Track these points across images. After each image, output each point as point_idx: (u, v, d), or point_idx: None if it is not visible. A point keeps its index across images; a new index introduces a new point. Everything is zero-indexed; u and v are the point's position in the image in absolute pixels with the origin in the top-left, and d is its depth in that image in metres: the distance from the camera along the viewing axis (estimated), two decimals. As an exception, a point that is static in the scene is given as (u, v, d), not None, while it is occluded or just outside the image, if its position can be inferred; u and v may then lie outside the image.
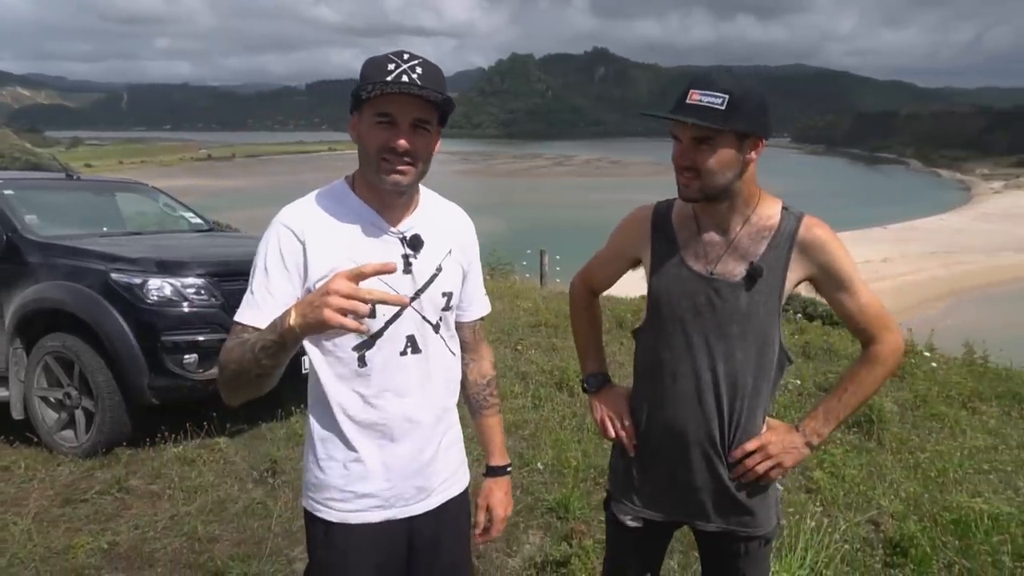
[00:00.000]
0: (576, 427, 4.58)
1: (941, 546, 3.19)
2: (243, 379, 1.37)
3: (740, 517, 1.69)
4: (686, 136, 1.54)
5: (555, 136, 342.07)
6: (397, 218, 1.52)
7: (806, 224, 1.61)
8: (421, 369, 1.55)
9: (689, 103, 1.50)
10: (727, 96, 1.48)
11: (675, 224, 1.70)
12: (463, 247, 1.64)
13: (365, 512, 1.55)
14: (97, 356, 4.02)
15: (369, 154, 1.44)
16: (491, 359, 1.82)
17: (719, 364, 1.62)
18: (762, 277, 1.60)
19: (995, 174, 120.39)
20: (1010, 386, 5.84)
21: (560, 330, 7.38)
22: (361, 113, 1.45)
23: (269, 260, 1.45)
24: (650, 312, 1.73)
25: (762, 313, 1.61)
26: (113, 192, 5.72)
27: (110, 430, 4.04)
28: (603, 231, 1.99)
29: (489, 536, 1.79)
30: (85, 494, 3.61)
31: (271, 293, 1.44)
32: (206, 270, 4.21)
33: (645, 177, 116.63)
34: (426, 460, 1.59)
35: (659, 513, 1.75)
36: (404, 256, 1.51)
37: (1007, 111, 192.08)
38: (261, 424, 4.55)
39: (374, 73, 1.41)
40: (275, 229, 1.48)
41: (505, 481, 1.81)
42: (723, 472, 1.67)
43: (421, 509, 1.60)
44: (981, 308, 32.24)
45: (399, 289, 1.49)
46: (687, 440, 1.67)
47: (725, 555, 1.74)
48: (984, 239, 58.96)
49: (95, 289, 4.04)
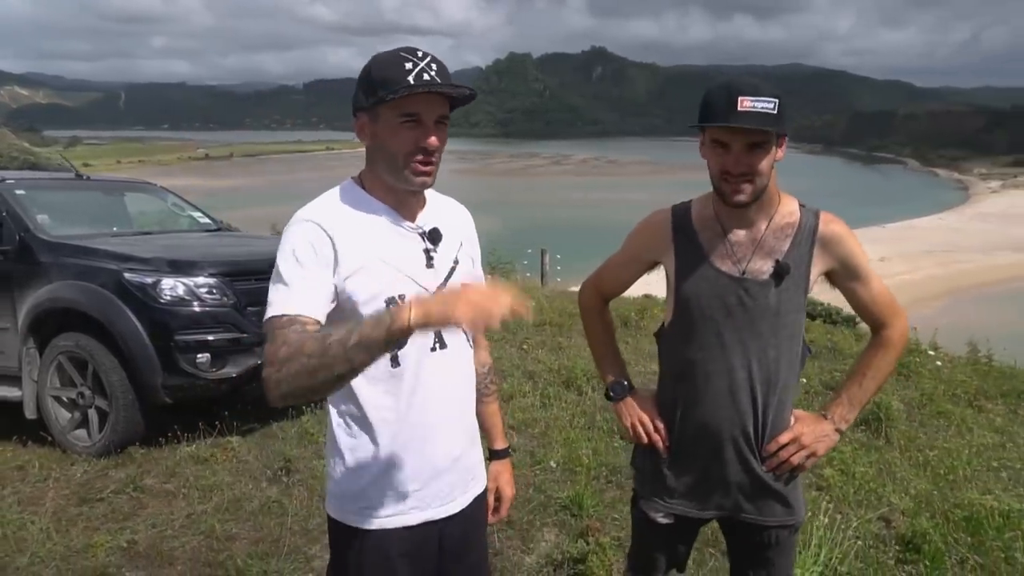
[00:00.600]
0: (586, 425, 4.61)
1: (953, 543, 3.22)
2: (321, 376, 1.23)
3: (772, 507, 1.74)
4: (739, 143, 1.56)
5: (552, 135, 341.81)
6: (413, 214, 1.52)
7: (824, 220, 1.68)
8: (448, 364, 1.55)
9: (743, 110, 1.52)
10: (777, 100, 1.54)
11: (696, 226, 1.73)
12: (470, 240, 1.66)
13: (403, 515, 1.52)
14: (111, 355, 4.03)
15: (395, 155, 1.42)
16: (487, 348, 1.84)
17: (753, 362, 1.67)
18: (789, 274, 1.64)
19: (992, 173, 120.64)
20: (1015, 384, 5.88)
21: (565, 329, 7.41)
22: (376, 114, 1.42)
23: (299, 252, 1.39)
24: (678, 314, 1.76)
25: (791, 309, 1.67)
26: (122, 192, 5.74)
27: (124, 429, 4.06)
28: (601, 230, 2.01)
29: (500, 515, 1.82)
30: (101, 493, 3.62)
31: (308, 283, 1.38)
32: (218, 269, 4.22)
33: (642, 177, 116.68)
34: (457, 455, 1.59)
35: (692, 509, 1.79)
36: (425, 251, 1.51)
37: (1004, 111, 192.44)
38: (272, 423, 4.56)
39: (392, 72, 1.38)
40: (299, 225, 1.43)
41: (509, 463, 1.85)
42: (756, 465, 1.71)
43: (456, 508, 1.60)
44: (978, 307, 32.31)
45: (425, 283, 1.49)
46: (722, 437, 1.71)
47: (756, 545, 1.78)
48: (981, 239, 59.07)
49: (108, 288, 4.06)
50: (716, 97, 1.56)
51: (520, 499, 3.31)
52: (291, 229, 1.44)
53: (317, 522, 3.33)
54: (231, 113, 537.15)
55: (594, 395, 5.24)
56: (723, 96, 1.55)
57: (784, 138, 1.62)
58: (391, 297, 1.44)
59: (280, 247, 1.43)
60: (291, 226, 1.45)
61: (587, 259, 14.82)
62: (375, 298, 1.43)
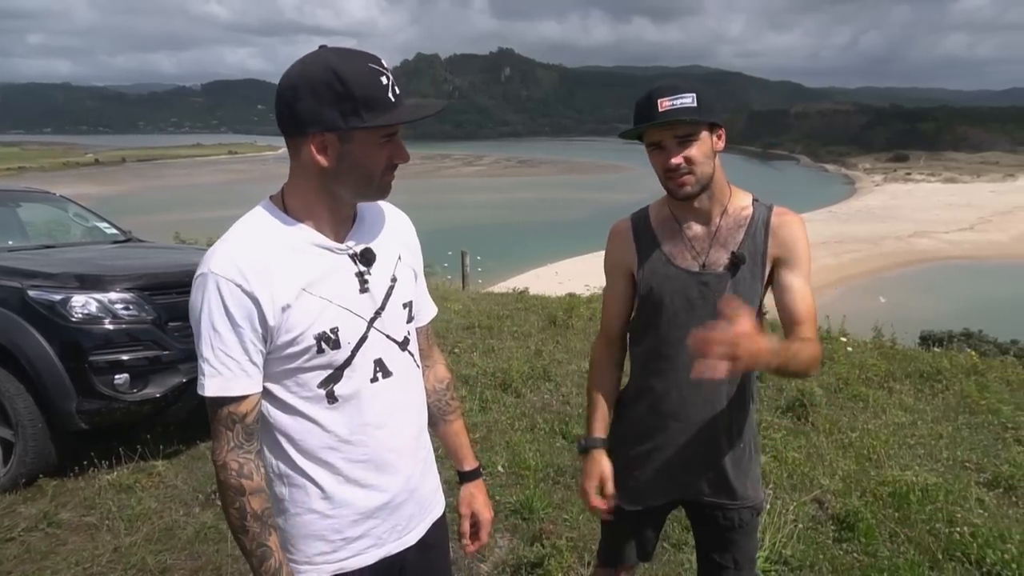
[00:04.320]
0: (527, 427, 4.61)
1: (883, 519, 3.41)
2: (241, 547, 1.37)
3: (733, 490, 1.81)
4: (669, 140, 1.65)
5: (463, 137, 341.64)
6: (340, 234, 1.38)
7: (777, 211, 1.76)
8: (394, 393, 1.44)
9: (663, 110, 1.62)
10: (695, 94, 1.63)
11: (655, 228, 1.80)
12: (410, 249, 1.53)
13: (360, 556, 1.43)
14: (14, 380, 3.69)
15: (372, 175, 1.32)
16: (444, 362, 1.74)
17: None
18: (744, 264, 1.70)
19: (876, 168, 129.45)
20: (917, 366, 6.32)
21: (495, 331, 7.40)
22: (350, 136, 1.28)
23: (217, 322, 1.26)
24: (643, 313, 1.81)
25: (749, 298, 1.70)
26: (16, 202, 5.27)
27: (32, 460, 3.72)
28: (518, 229, 2.00)
29: (481, 542, 1.71)
30: (11, 532, 3.31)
31: (235, 353, 1.28)
32: (134, 284, 3.94)
33: (553, 176, 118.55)
34: (413, 487, 1.50)
35: (657, 498, 1.86)
36: (359, 274, 1.38)
37: (885, 109, 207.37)
38: (199, 443, 4.31)
39: (375, 91, 1.26)
40: (211, 282, 1.26)
41: (482, 483, 1.74)
42: (721, 451, 1.79)
43: (414, 539, 1.52)
44: (872, 292, 34.58)
45: (360, 311, 1.37)
46: (689, 426, 1.77)
47: (721, 528, 1.85)
48: (868, 229, 63.27)
49: (10, 308, 3.71)
50: (641, 104, 1.68)
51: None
52: (199, 288, 1.29)
53: (259, 546, 3.17)
54: (123, 116, 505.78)
55: (532, 397, 5.25)
56: (645, 102, 1.66)
57: (721, 128, 1.70)
58: (322, 332, 1.32)
59: (196, 305, 1.29)
60: (199, 284, 1.29)
61: (506, 259, 14.97)
62: (304, 334, 1.31)
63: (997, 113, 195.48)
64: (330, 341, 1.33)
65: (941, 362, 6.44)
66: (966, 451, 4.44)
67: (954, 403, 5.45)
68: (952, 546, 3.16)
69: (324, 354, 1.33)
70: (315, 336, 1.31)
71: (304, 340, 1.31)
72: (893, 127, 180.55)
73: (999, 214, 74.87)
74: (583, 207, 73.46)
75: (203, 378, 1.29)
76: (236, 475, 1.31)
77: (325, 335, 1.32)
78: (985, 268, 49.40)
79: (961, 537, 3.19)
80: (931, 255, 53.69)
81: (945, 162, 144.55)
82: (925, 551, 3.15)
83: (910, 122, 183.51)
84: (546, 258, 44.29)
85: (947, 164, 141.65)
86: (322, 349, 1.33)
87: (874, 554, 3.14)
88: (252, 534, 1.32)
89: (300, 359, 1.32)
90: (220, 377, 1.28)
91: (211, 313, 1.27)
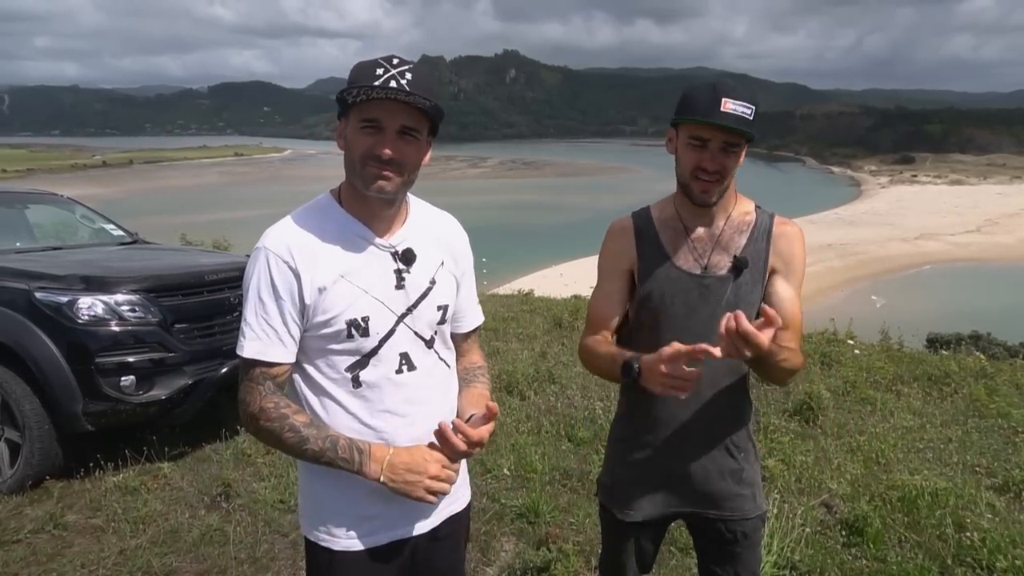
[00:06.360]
0: (532, 430, 4.59)
1: (891, 523, 3.38)
2: (290, 454, 1.44)
3: (735, 502, 1.77)
4: (717, 142, 1.59)
5: (469, 139, 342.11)
6: (387, 230, 1.47)
7: (779, 221, 1.74)
8: (418, 386, 1.50)
9: (725, 111, 1.55)
10: (755, 107, 1.58)
11: (657, 227, 1.76)
12: (456, 257, 1.59)
13: (369, 536, 1.49)
14: (21, 382, 3.70)
15: (354, 160, 1.40)
16: (479, 351, 1.72)
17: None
18: (747, 268, 1.69)
19: (882, 170, 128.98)
20: (925, 368, 6.27)
21: (500, 333, 7.39)
22: (348, 119, 1.40)
23: (263, 290, 1.41)
24: (642, 314, 1.76)
25: (749, 303, 1.68)
26: (24, 204, 5.29)
27: (39, 462, 3.73)
28: (522, 231, 1.97)
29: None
30: (17, 534, 3.31)
31: (274, 323, 1.40)
32: (140, 285, 3.94)
33: (558, 177, 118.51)
34: None
35: (659, 509, 1.80)
36: (397, 271, 1.46)
37: (890, 111, 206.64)
38: (205, 446, 4.31)
39: (362, 78, 1.36)
40: (262, 256, 1.42)
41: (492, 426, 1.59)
42: (722, 460, 1.75)
43: (427, 527, 1.55)
44: (878, 295, 34.40)
45: (392, 305, 1.45)
46: (688, 432, 1.73)
47: (723, 542, 1.80)
48: (874, 231, 62.99)
49: (17, 310, 3.72)
50: (701, 95, 1.58)
51: (474, 509, 3.25)
52: (253, 260, 1.44)
53: (264, 548, 3.17)
54: (130, 118, 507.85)
55: (537, 399, 5.23)
56: (708, 95, 1.57)
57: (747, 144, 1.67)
58: (353, 319, 1.41)
59: (245, 277, 1.44)
60: (254, 256, 1.44)
61: (511, 261, 14.91)
62: (337, 318, 1.41)
63: (1004, 115, 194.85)
64: (360, 328, 1.42)
65: (949, 365, 6.39)
66: (976, 455, 4.40)
67: (963, 407, 5.41)
68: (962, 551, 3.12)
69: (353, 340, 1.43)
70: (346, 322, 1.41)
71: (336, 323, 1.41)
72: (899, 129, 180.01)
73: (1006, 216, 74.59)
74: (588, 209, 73.51)
75: (243, 339, 1.41)
76: (275, 409, 1.41)
77: (356, 322, 1.42)
78: (992, 270, 49.19)
79: (971, 542, 3.16)
80: (937, 257, 53.51)
81: (951, 164, 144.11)
82: (935, 556, 3.12)
83: (916, 124, 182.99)
84: (551, 260, 44.31)
85: (953, 166, 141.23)
86: (351, 335, 1.42)
87: (883, 559, 3.11)
88: (313, 438, 1.40)
89: (332, 341, 1.43)
90: (259, 342, 1.41)
91: (259, 283, 1.41)
